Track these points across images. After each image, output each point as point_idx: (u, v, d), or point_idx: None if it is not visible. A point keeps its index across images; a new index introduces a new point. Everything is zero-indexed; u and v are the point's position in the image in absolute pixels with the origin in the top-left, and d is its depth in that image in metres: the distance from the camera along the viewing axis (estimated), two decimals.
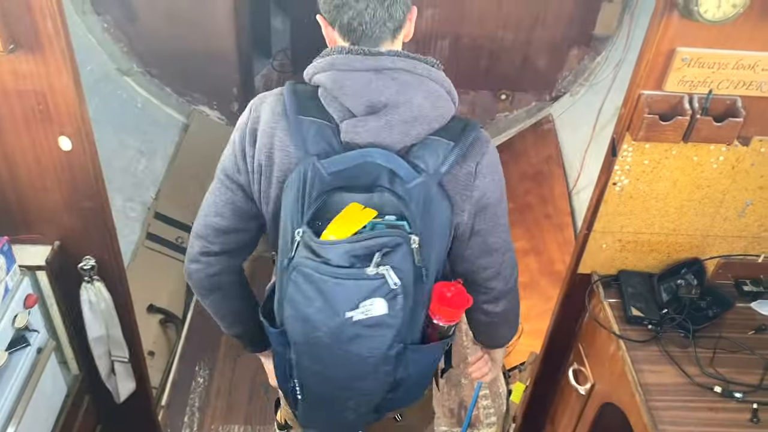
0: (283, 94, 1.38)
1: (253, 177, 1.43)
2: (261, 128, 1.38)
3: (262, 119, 1.39)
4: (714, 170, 1.95)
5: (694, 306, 2.06)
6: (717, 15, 1.61)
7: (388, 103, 1.30)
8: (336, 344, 1.34)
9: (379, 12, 1.31)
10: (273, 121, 1.37)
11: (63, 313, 2.14)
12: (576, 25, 4.23)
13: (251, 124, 1.40)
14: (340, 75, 1.31)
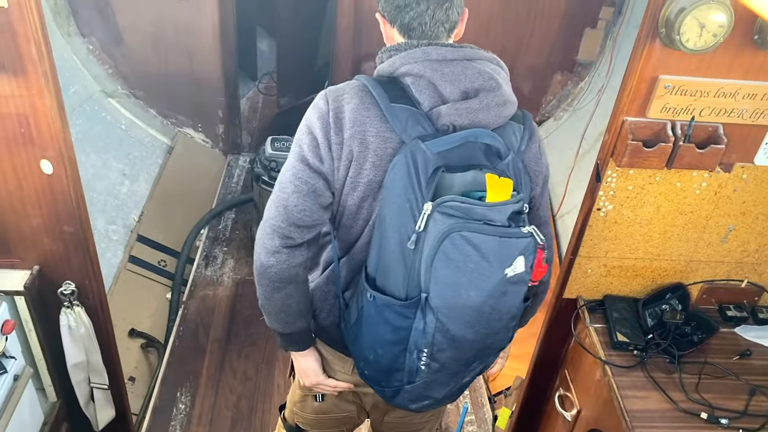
0: (366, 87, 1.45)
1: (339, 164, 1.46)
2: (348, 117, 1.43)
3: (348, 109, 1.44)
4: (697, 196, 1.97)
5: (679, 331, 2.06)
6: (698, 44, 1.63)
7: (481, 89, 1.42)
8: (485, 303, 1.40)
9: (438, 13, 1.44)
10: (363, 109, 1.43)
11: (41, 339, 2.10)
12: (559, 51, 4.30)
13: (334, 114, 1.45)
14: (437, 64, 1.41)
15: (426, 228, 1.34)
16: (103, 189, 3.73)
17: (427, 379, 1.51)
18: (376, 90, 1.43)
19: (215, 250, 3.83)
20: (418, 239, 1.35)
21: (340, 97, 1.46)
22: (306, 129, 1.48)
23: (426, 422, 1.98)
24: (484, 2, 4.03)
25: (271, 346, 3.23)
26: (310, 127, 1.47)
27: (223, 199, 4.26)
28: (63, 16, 3.93)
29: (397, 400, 1.60)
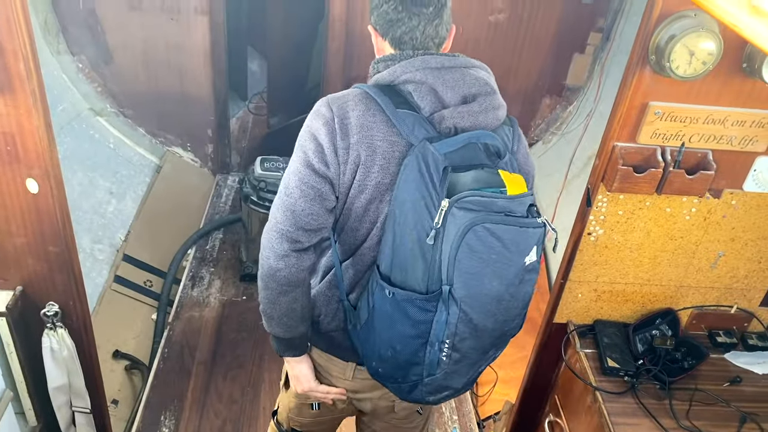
0: (368, 94, 1.50)
1: (346, 168, 1.50)
2: (354, 123, 1.48)
3: (353, 115, 1.48)
4: (687, 222, 1.98)
5: (669, 357, 2.05)
6: (688, 71, 1.65)
7: (479, 94, 1.49)
8: (506, 291, 1.46)
9: (428, 29, 1.51)
10: (370, 115, 1.48)
11: (22, 362, 2.05)
12: (548, 76, 4.33)
13: (339, 120, 1.49)
14: (437, 72, 1.47)
15: (444, 224, 1.38)
16: (89, 207, 3.68)
17: (447, 370, 1.53)
18: (379, 97, 1.48)
19: (202, 270, 3.79)
20: (437, 235, 1.39)
21: (344, 104, 1.50)
22: (310, 135, 1.51)
23: (414, 428, 1.98)
24: (474, 26, 4.06)
25: (257, 368, 3.18)
26: (314, 133, 1.50)
27: (210, 218, 4.22)
28: (52, 34, 3.92)
29: (415, 394, 1.61)
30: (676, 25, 1.61)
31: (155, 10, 3.90)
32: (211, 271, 3.79)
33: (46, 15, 3.85)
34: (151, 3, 3.88)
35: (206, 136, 4.46)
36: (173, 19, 3.94)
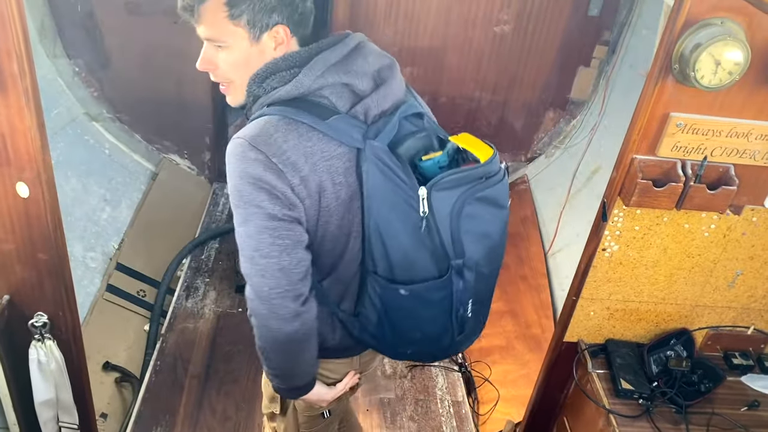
0: (289, 118, 1.40)
1: (310, 201, 1.43)
2: (297, 154, 1.38)
3: (289, 147, 1.38)
4: (705, 239, 1.90)
5: (685, 379, 1.97)
6: (713, 81, 1.58)
7: (381, 69, 1.50)
8: (501, 238, 1.56)
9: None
10: (306, 140, 1.39)
11: (8, 374, 1.95)
12: (552, 89, 4.28)
13: (278, 158, 1.37)
14: (342, 65, 1.44)
15: (431, 209, 1.40)
16: (82, 214, 3.59)
17: (472, 322, 1.62)
18: (303, 116, 1.40)
19: (197, 280, 3.69)
20: (428, 222, 1.41)
21: (270, 140, 1.37)
22: (255, 186, 1.37)
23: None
24: (479, 37, 4.01)
25: (252, 383, 3.08)
26: (258, 181, 1.36)
27: (206, 228, 4.13)
28: (49, 37, 3.83)
29: (451, 351, 1.70)
30: (702, 33, 1.55)
31: (155, 14, 3.82)
32: (206, 281, 3.69)
33: (42, 17, 3.77)
34: (151, 7, 3.80)
35: (204, 144, 4.38)
36: (175, 23, 3.86)
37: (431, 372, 3.27)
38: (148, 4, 3.79)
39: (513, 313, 3.68)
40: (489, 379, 3.28)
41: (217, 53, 1.47)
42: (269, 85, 1.46)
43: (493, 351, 3.45)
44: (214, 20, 1.42)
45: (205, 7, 1.42)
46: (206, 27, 1.44)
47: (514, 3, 3.93)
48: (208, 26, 1.44)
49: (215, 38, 1.45)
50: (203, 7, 1.42)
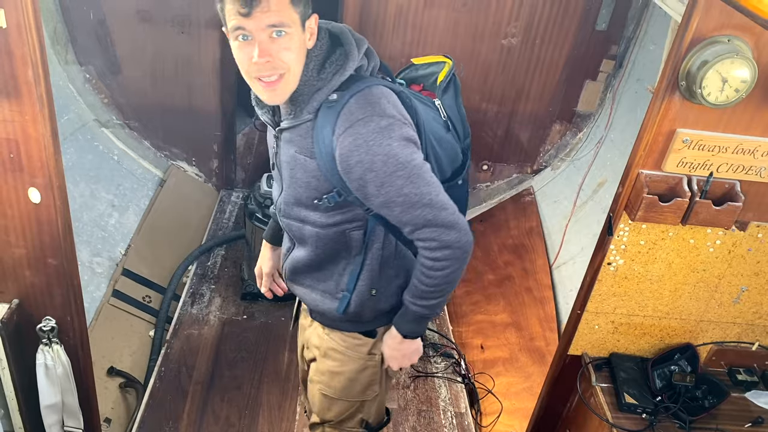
0: (376, 87, 1.55)
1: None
2: (402, 110, 1.57)
3: (397, 105, 1.56)
4: (710, 254, 1.91)
5: (689, 394, 1.97)
6: (719, 98, 1.59)
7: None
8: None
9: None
10: (393, 97, 1.58)
11: (15, 378, 1.97)
12: (559, 101, 4.29)
13: (403, 115, 1.55)
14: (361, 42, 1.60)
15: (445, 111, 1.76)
16: (89, 220, 3.61)
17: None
18: (377, 83, 1.56)
19: (203, 287, 3.71)
20: (448, 121, 1.76)
21: (389, 105, 1.52)
22: (403, 144, 1.50)
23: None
24: (486, 49, 4.03)
25: (256, 391, 3.09)
26: (404, 140, 1.51)
27: (213, 234, 4.15)
28: (61, 44, 3.88)
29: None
30: (708, 51, 1.56)
31: (166, 23, 3.86)
32: (212, 288, 3.71)
33: (55, 24, 3.81)
34: (161, 15, 3.84)
35: (212, 151, 4.41)
36: (183, 32, 3.91)
37: (434, 383, 3.27)
38: (158, 12, 3.83)
39: (517, 326, 3.68)
40: (492, 391, 3.28)
41: (273, 42, 1.46)
42: (328, 74, 1.53)
43: (496, 363, 3.45)
44: (280, 4, 1.43)
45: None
46: (274, 11, 1.43)
47: (522, 16, 3.96)
48: (276, 10, 1.43)
49: (280, 23, 1.44)
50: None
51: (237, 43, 1.47)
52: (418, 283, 1.65)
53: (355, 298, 1.77)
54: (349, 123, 1.48)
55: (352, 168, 1.50)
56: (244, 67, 1.51)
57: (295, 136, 1.59)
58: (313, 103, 1.53)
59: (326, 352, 1.90)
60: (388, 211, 1.57)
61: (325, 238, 1.69)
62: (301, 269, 1.81)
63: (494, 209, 4.57)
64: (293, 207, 1.70)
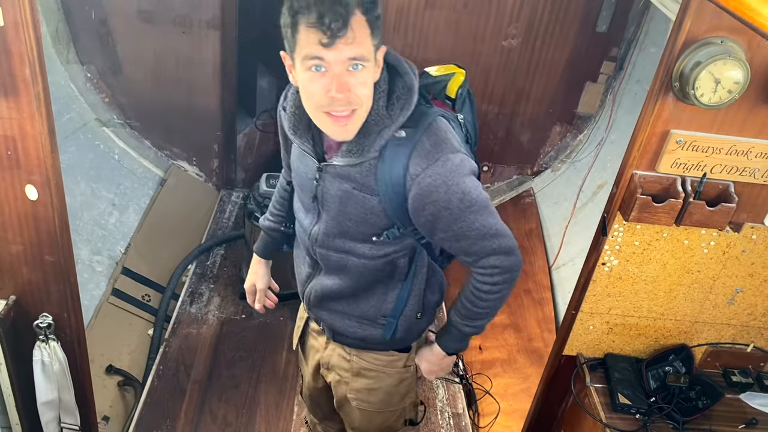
0: (441, 119, 1.53)
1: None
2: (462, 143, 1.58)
3: (459, 138, 1.58)
4: (704, 255, 1.91)
5: (683, 395, 1.97)
6: (713, 99, 1.60)
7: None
8: None
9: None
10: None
11: (11, 374, 1.98)
12: (559, 103, 4.29)
13: (466, 151, 1.56)
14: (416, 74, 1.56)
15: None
16: (90, 218, 3.63)
17: None
18: (438, 113, 1.54)
19: (201, 286, 3.72)
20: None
21: (455, 141, 1.51)
22: (473, 178, 1.51)
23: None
24: (487, 50, 4.04)
25: (253, 390, 3.10)
26: (473, 173, 1.51)
27: (213, 234, 4.16)
28: (63, 43, 3.90)
29: None
30: (701, 52, 1.57)
31: (167, 23, 3.88)
32: (211, 287, 3.72)
33: (57, 24, 3.83)
34: (163, 16, 3.86)
35: (212, 151, 4.42)
36: (185, 32, 3.92)
37: (431, 383, 3.27)
38: (160, 12, 3.85)
39: (516, 327, 3.68)
40: (490, 391, 3.28)
41: (350, 75, 1.38)
42: (396, 110, 1.47)
43: (494, 364, 3.45)
44: (363, 36, 1.35)
45: (355, 21, 1.33)
46: (357, 43, 1.34)
47: (523, 17, 3.96)
48: (359, 42, 1.35)
49: (361, 56, 1.36)
50: (354, 20, 1.33)
51: (309, 74, 1.38)
52: (471, 306, 1.63)
53: (402, 324, 1.73)
54: (426, 164, 1.44)
55: (425, 206, 1.48)
56: (314, 100, 1.42)
57: (353, 172, 1.51)
58: (380, 140, 1.46)
59: (358, 371, 1.86)
60: (453, 244, 1.55)
61: (371, 269, 1.65)
62: (331, 296, 1.75)
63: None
64: (335, 239, 1.63)
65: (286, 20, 1.36)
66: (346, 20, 1.30)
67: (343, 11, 1.30)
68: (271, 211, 2.00)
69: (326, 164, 1.55)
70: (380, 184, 1.49)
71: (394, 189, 1.48)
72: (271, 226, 1.98)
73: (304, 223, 1.70)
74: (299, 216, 1.73)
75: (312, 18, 1.30)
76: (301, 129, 1.57)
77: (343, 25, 1.30)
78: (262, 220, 2.01)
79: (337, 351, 1.86)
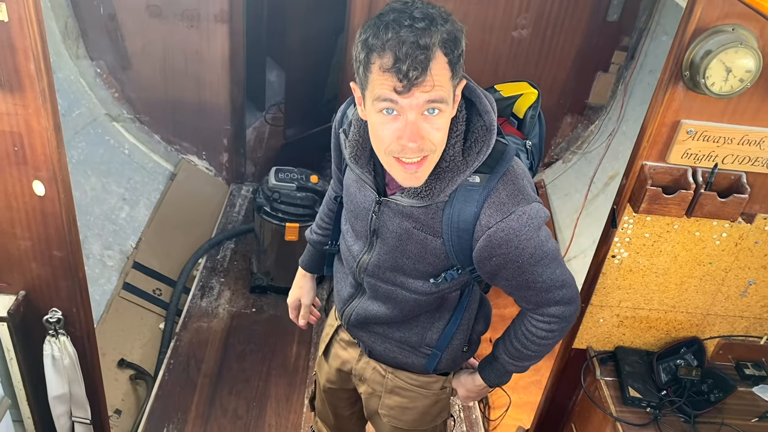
0: (517, 158, 1.45)
1: None
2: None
3: (531, 178, 1.49)
4: (716, 247, 1.88)
5: (694, 389, 1.95)
6: (724, 89, 1.57)
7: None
8: None
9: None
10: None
11: (22, 369, 2.00)
12: (570, 94, 4.25)
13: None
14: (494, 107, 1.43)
15: None
16: (101, 213, 3.65)
17: None
18: (513, 158, 1.43)
19: (212, 280, 3.73)
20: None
21: (531, 189, 1.43)
22: (545, 229, 1.43)
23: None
24: (496, 41, 4.00)
25: (264, 383, 3.11)
26: (545, 225, 1.44)
27: (223, 228, 4.18)
28: (72, 38, 3.91)
29: None
30: (712, 40, 1.54)
31: (175, 18, 3.88)
32: (221, 281, 3.73)
33: (66, 19, 3.84)
34: (171, 10, 3.86)
35: (222, 145, 4.43)
36: (193, 26, 3.92)
37: None
38: (168, 7, 3.85)
39: None
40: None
41: (425, 120, 1.26)
42: (473, 154, 1.37)
43: None
44: (442, 80, 1.23)
45: (436, 65, 1.21)
46: (435, 90, 1.22)
47: (533, 7, 3.92)
48: (438, 86, 1.23)
49: (442, 99, 1.25)
50: (434, 64, 1.21)
51: (380, 117, 1.27)
52: (522, 347, 1.59)
53: (446, 355, 1.69)
54: (500, 216, 1.35)
55: (493, 257, 1.40)
56: (384, 144, 1.30)
57: (417, 212, 1.42)
58: (452, 186, 1.37)
59: (392, 389, 1.79)
60: (515, 292, 1.50)
61: (421, 303, 1.58)
62: (373, 321, 1.67)
63: None
64: (387, 272, 1.55)
65: (359, 55, 1.26)
66: (425, 67, 1.19)
67: (422, 58, 1.18)
68: (318, 224, 1.90)
69: (387, 199, 1.46)
70: (445, 227, 1.41)
71: (460, 234, 1.40)
72: (319, 240, 1.89)
73: (353, 248, 1.61)
74: (347, 239, 1.63)
75: (387, 62, 1.20)
76: (363, 159, 1.47)
77: (422, 73, 1.19)
78: (308, 233, 1.92)
79: (372, 365, 1.80)
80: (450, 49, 1.23)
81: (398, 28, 1.19)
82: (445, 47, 1.22)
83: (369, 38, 1.22)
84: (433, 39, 1.19)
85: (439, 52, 1.21)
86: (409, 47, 1.18)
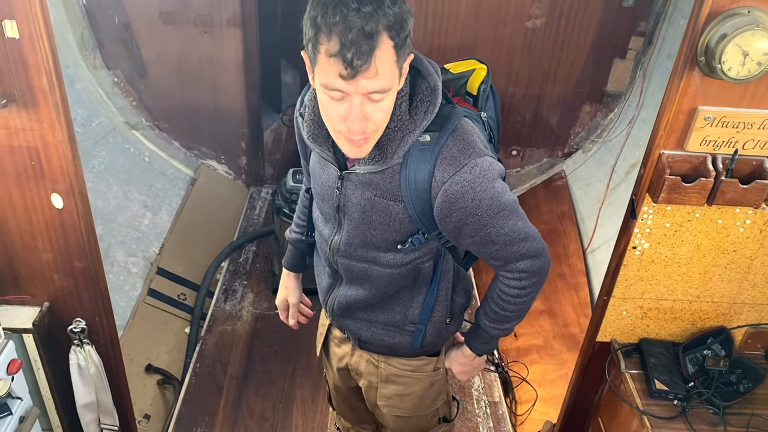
0: (464, 119, 1.47)
1: None
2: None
3: (483, 137, 1.52)
4: (740, 234, 1.84)
5: (722, 379, 1.91)
6: (741, 73, 1.53)
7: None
8: None
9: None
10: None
11: (50, 379, 2.03)
12: (588, 82, 4.20)
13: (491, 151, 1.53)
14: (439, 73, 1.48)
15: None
16: (124, 221, 3.69)
17: None
18: (462, 113, 1.48)
19: (235, 283, 3.76)
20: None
21: (482, 142, 1.46)
22: (501, 180, 1.46)
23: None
24: (510, 32, 3.97)
25: (289, 385, 3.12)
26: (501, 175, 1.47)
27: (244, 231, 4.20)
28: (89, 49, 3.96)
29: None
30: (727, 24, 1.50)
31: (188, 24, 3.91)
32: (244, 284, 3.76)
33: (82, 31, 3.89)
34: (184, 16, 3.89)
35: (240, 149, 4.46)
36: (206, 32, 3.95)
37: None
38: (181, 13, 3.88)
39: (551, 312, 3.63)
40: (527, 379, 3.25)
41: (370, 103, 1.31)
42: (419, 114, 1.41)
43: (530, 350, 3.41)
44: (387, 65, 1.27)
45: (381, 51, 1.24)
46: (380, 77, 1.26)
47: None
48: (383, 75, 1.27)
49: (382, 89, 1.29)
50: (379, 50, 1.23)
51: (326, 97, 1.32)
52: (499, 309, 1.60)
53: (430, 329, 1.70)
54: (453, 169, 1.40)
55: (452, 213, 1.44)
56: (331, 122, 1.37)
57: (376, 179, 1.47)
58: (403, 146, 1.41)
59: (387, 378, 1.83)
60: (480, 248, 1.52)
61: (395, 277, 1.61)
62: (354, 306, 1.71)
63: (525, 195, 4.51)
64: (358, 248, 1.59)
65: (308, 32, 1.27)
66: (369, 56, 1.22)
67: (366, 48, 1.21)
68: (296, 222, 1.95)
69: (348, 172, 1.50)
70: (404, 189, 1.45)
71: (419, 194, 1.44)
72: (298, 238, 1.93)
73: (324, 232, 1.66)
74: (319, 226, 1.69)
75: (333, 47, 1.21)
76: (321, 137, 1.51)
77: (366, 61, 1.22)
78: (288, 233, 1.96)
79: (365, 357, 1.84)
80: (396, 32, 1.25)
81: (346, 11, 1.20)
82: (390, 31, 1.24)
83: (318, 17, 1.23)
84: (380, 24, 1.22)
85: (385, 36, 1.24)
86: (355, 35, 1.20)
